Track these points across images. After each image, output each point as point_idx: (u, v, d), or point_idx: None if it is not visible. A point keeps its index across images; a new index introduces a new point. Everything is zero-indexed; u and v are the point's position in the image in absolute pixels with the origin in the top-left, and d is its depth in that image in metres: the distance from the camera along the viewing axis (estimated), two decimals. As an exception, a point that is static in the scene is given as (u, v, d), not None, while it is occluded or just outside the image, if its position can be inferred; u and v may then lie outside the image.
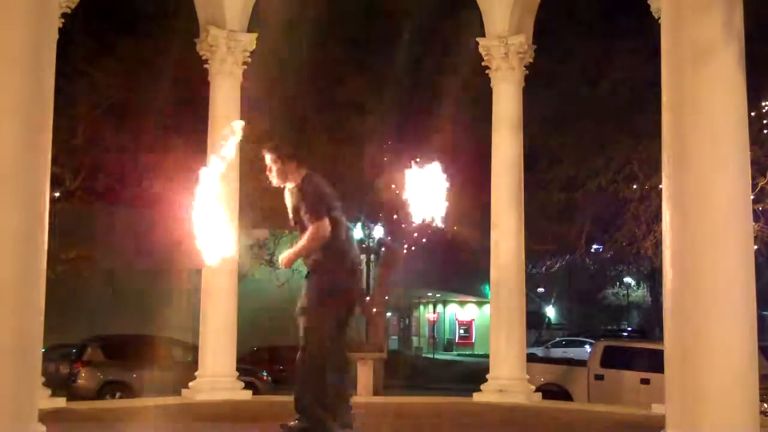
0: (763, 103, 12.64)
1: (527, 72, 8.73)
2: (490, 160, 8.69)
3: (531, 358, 11.04)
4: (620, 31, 15.08)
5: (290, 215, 5.47)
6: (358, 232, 19.81)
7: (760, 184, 12.00)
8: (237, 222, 8.54)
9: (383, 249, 20.49)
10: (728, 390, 4.42)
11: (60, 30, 6.34)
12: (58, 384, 13.76)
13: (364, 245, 20.61)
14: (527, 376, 8.46)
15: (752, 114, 11.29)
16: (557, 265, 24.72)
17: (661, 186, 5.45)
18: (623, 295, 46.31)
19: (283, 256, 5.32)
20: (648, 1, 7.45)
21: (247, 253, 18.75)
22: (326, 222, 5.15)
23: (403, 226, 18.43)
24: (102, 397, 15.51)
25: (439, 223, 5.45)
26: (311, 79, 15.18)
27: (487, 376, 8.39)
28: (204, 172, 5.00)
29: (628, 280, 43.10)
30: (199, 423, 6.60)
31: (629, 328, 41.75)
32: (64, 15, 7.05)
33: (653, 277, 30.09)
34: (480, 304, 42.05)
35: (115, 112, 17.13)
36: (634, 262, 21.82)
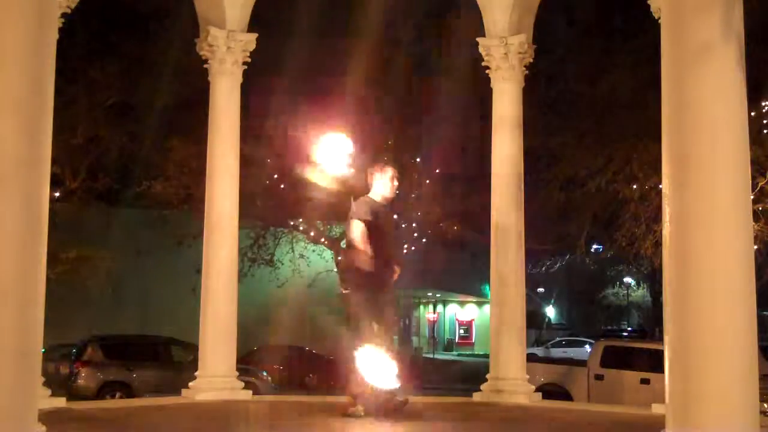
0: (763, 103, 12.66)
1: (527, 72, 8.73)
2: (490, 160, 8.67)
3: (531, 358, 11.04)
4: (620, 31, 15.10)
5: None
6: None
7: (760, 184, 12.01)
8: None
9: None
10: (728, 390, 4.42)
11: (60, 30, 6.33)
12: (58, 384, 13.76)
13: None
14: (527, 376, 8.44)
15: (752, 114, 11.32)
16: (557, 265, 24.76)
17: (661, 186, 5.45)
18: (623, 295, 46.36)
19: None
20: (648, 1, 7.45)
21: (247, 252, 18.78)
22: None
23: (403, 225, 18.44)
24: (102, 397, 15.53)
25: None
26: (310, 78, 15.20)
27: (487, 376, 8.38)
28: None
29: (628, 280, 43.15)
30: (199, 423, 6.60)
31: (629, 328, 41.81)
32: (64, 15, 7.04)
33: (653, 277, 30.11)
34: (480, 304, 42.08)
35: (115, 112, 17.16)
36: (634, 262, 21.83)
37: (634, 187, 14.30)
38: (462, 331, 45.02)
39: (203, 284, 8.32)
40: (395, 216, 6.83)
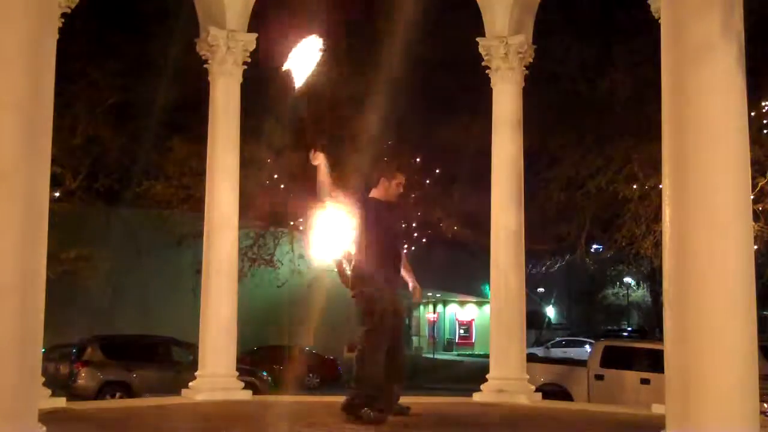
0: (763, 103, 12.66)
1: (527, 72, 8.73)
2: (490, 160, 8.68)
3: (531, 358, 11.04)
4: (620, 31, 15.09)
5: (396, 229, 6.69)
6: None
7: (760, 184, 12.01)
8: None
9: None
10: (728, 390, 4.42)
11: (60, 30, 6.34)
12: (58, 384, 13.76)
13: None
14: (527, 376, 8.45)
15: (752, 114, 11.32)
16: (557, 265, 24.73)
17: (661, 186, 5.45)
18: (623, 295, 46.35)
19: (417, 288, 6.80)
20: (648, 1, 7.45)
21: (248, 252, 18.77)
22: None
23: (404, 225, 18.41)
24: (102, 397, 15.52)
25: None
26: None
27: (487, 376, 8.39)
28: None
29: (628, 280, 43.14)
30: (199, 423, 6.60)
31: (629, 328, 41.81)
32: (64, 15, 7.04)
33: (653, 277, 30.09)
34: (480, 304, 42.08)
35: (115, 112, 17.15)
36: (634, 262, 21.82)
37: (634, 187, 14.30)
38: (462, 331, 45.02)
39: (203, 284, 8.32)
40: (396, 217, 6.75)
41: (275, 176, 17.57)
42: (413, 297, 7.02)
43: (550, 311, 48.15)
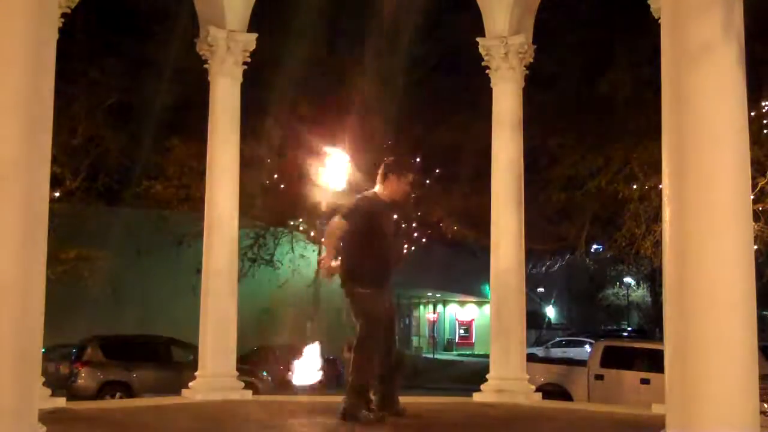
0: (763, 103, 12.67)
1: (527, 72, 8.73)
2: (490, 160, 8.68)
3: (531, 358, 11.06)
4: (620, 31, 15.12)
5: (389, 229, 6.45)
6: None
7: (760, 184, 12.02)
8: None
9: None
10: (728, 390, 4.42)
11: (60, 30, 6.34)
12: (58, 384, 13.76)
13: None
14: (527, 376, 8.45)
15: (752, 114, 11.33)
16: (557, 265, 24.77)
17: (661, 186, 5.45)
18: (623, 295, 46.39)
19: None
20: (648, 1, 7.45)
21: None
22: None
23: (404, 225, 18.44)
24: (102, 397, 15.53)
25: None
26: (309, 78, 15.22)
27: (487, 376, 8.39)
28: None
29: (628, 280, 43.17)
30: (199, 423, 6.60)
31: (629, 328, 41.84)
32: (64, 15, 7.04)
33: (653, 277, 30.13)
34: (480, 304, 42.09)
35: (115, 112, 17.18)
36: (634, 262, 21.86)
37: (634, 187, 14.32)
38: (462, 331, 45.04)
39: (203, 284, 8.32)
40: (395, 216, 6.64)
41: (275, 176, 17.59)
42: None
43: (550, 311, 48.17)
